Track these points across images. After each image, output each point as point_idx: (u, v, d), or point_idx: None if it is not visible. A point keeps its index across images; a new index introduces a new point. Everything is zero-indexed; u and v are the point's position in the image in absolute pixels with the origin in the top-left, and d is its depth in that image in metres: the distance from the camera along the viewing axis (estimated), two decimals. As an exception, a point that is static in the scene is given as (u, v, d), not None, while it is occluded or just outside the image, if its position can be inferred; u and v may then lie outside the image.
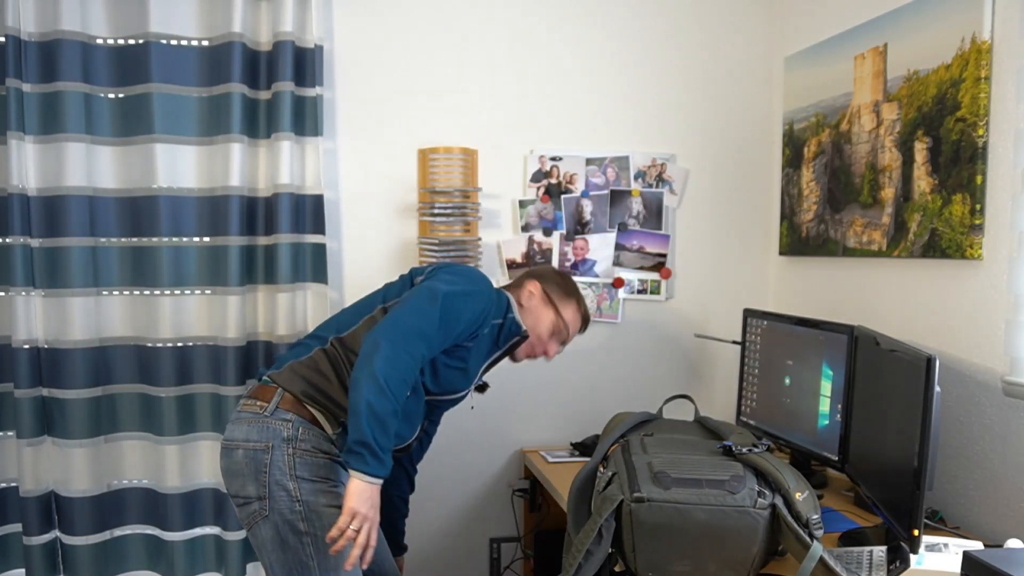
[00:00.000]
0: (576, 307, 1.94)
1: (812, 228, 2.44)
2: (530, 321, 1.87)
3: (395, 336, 1.52)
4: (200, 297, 2.35)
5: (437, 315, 1.59)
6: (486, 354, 1.83)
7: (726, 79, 2.67)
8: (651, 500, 1.31)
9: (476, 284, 1.73)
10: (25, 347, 2.21)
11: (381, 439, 1.47)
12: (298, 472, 1.61)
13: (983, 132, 1.77)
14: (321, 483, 1.63)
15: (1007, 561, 1.18)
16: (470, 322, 1.68)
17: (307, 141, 2.34)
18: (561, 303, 1.91)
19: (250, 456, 1.63)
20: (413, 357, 1.53)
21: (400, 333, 1.53)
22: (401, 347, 1.52)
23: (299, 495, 1.60)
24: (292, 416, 1.65)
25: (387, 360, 1.49)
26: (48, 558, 2.29)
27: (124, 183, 2.30)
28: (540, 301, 1.90)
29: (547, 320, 1.89)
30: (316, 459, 1.64)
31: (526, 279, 1.95)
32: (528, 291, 1.90)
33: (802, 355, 2.11)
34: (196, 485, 2.37)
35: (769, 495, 1.32)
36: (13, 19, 2.15)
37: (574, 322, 1.95)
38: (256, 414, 1.66)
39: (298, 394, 1.67)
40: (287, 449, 1.62)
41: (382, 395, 1.47)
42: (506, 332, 1.82)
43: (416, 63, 2.48)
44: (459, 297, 1.65)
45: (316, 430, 1.66)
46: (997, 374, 1.75)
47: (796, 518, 1.31)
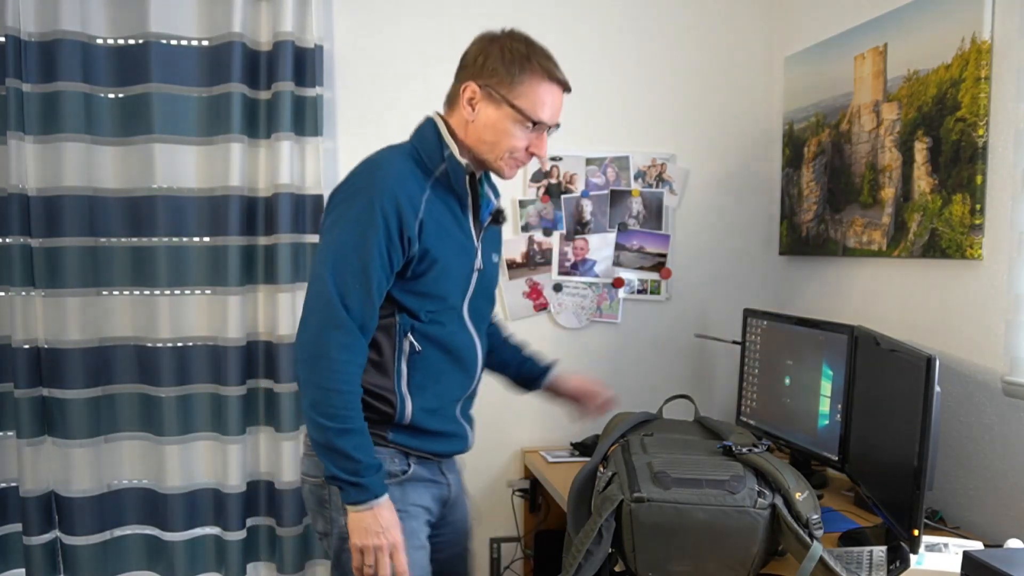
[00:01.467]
0: (532, 76, 1.44)
1: (812, 228, 2.44)
2: (488, 137, 1.46)
3: (302, 357, 1.37)
4: (200, 297, 2.35)
5: (335, 301, 1.35)
6: (455, 224, 1.48)
7: (726, 79, 2.67)
8: (651, 500, 1.31)
9: (354, 198, 1.40)
10: (25, 347, 2.21)
11: (345, 464, 1.35)
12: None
13: (983, 132, 1.77)
14: None
15: (1007, 561, 1.18)
16: (381, 245, 1.37)
17: (307, 141, 2.34)
18: (511, 87, 1.43)
19: (311, 491, 1.51)
20: (333, 365, 1.35)
21: (305, 353, 1.37)
22: (312, 367, 1.36)
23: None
24: None
25: (305, 389, 1.37)
26: (48, 558, 2.29)
27: (124, 183, 2.30)
28: (485, 104, 1.45)
29: (504, 122, 1.44)
30: None
31: (458, 82, 1.49)
32: (466, 101, 1.46)
33: (802, 355, 2.10)
34: (196, 485, 2.37)
35: (769, 495, 1.32)
36: (13, 19, 2.15)
37: (541, 97, 1.45)
38: (308, 446, 1.51)
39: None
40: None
41: (318, 428, 1.36)
42: (455, 181, 1.47)
43: (416, 63, 2.48)
44: (342, 252, 1.37)
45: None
46: (997, 374, 1.75)
47: (796, 518, 1.31)
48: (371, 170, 1.44)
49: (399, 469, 1.47)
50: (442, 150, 1.47)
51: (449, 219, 1.47)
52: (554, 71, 1.46)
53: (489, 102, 1.45)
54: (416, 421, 1.47)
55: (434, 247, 1.43)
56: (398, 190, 1.39)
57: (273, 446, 2.40)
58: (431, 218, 1.43)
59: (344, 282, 1.36)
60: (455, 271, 1.49)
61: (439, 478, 1.56)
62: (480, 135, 1.47)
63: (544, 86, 1.45)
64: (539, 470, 2.33)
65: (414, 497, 1.49)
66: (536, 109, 1.44)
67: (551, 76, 1.45)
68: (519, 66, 1.43)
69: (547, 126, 1.48)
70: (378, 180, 1.41)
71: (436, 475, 1.55)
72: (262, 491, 2.42)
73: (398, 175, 1.42)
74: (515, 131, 1.45)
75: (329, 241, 1.40)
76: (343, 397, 1.36)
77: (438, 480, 1.55)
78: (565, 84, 1.49)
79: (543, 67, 1.45)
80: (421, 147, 1.49)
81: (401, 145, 1.52)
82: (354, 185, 1.43)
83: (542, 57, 1.46)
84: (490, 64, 1.44)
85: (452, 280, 1.49)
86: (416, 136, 1.53)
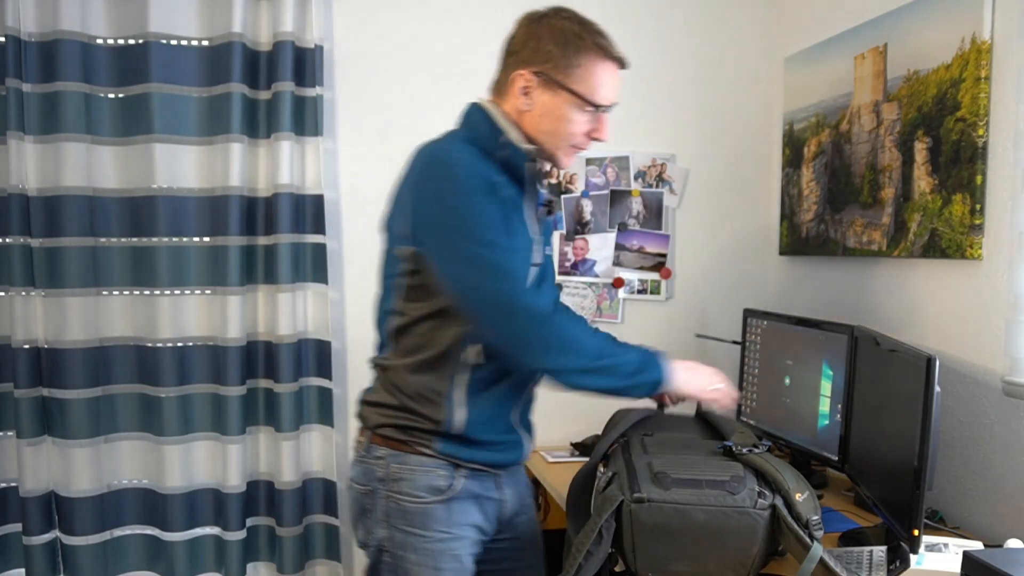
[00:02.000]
0: (589, 57, 1.35)
1: (812, 228, 2.44)
2: (547, 126, 1.37)
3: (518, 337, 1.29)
4: (200, 297, 2.35)
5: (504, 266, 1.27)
6: (517, 215, 1.38)
7: (726, 79, 2.67)
8: (651, 500, 1.31)
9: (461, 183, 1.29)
10: (25, 347, 2.21)
11: (629, 371, 1.33)
12: (391, 519, 1.39)
13: (983, 132, 1.77)
14: (413, 535, 1.38)
15: (1007, 561, 1.18)
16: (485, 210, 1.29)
17: (307, 141, 2.34)
18: (567, 71, 1.34)
19: (356, 499, 1.44)
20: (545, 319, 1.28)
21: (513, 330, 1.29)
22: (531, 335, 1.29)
23: (388, 546, 1.39)
24: (384, 452, 1.40)
25: (549, 359, 1.31)
26: (48, 558, 2.29)
27: (124, 183, 2.30)
28: (541, 91, 1.36)
29: (563, 108, 1.35)
30: (414, 505, 1.38)
31: (508, 70, 1.39)
32: (519, 89, 1.37)
33: (802, 355, 2.10)
34: (196, 485, 2.37)
35: (769, 496, 1.32)
36: (13, 19, 2.15)
37: (600, 78, 1.36)
38: (359, 451, 1.46)
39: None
40: (383, 492, 1.39)
41: (594, 376, 1.32)
42: (517, 167, 1.36)
43: (416, 63, 2.48)
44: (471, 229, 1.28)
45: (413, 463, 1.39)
46: (997, 374, 1.75)
47: (796, 519, 1.31)
48: (443, 162, 1.32)
49: (444, 485, 1.37)
50: (496, 137, 1.35)
51: (512, 209, 1.36)
52: (611, 48, 1.37)
53: (545, 89, 1.35)
54: (468, 431, 1.37)
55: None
56: (485, 170, 1.30)
57: (273, 446, 2.40)
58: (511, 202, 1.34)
59: (497, 246, 1.27)
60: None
61: (493, 493, 1.45)
62: (537, 124, 1.37)
63: (602, 66, 1.35)
64: (539, 470, 2.33)
65: (460, 516, 1.39)
66: (595, 92, 1.35)
67: (608, 54, 1.36)
68: (574, 47, 1.34)
69: (607, 108, 1.38)
70: (457, 166, 1.29)
71: (489, 490, 1.44)
72: (262, 491, 2.42)
73: (478, 157, 1.32)
74: (575, 117, 1.36)
75: (450, 225, 1.28)
76: (579, 339, 1.30)
77: (491, 496, 1.44)
78: (622, 61, 1.39)
79: (599, 45, 1.35)
80: (475, 136, 1.37)
81: (450, 134, 1.40)
82: (435, 177, 1.31)
83: (596, 34, 1.36)
84: (542, 48, 1.34)
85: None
86: (466, 125, 1.40)
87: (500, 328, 1.29)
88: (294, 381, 2.36)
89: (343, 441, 2.51)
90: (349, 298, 2.48)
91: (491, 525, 1.46)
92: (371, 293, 2.49)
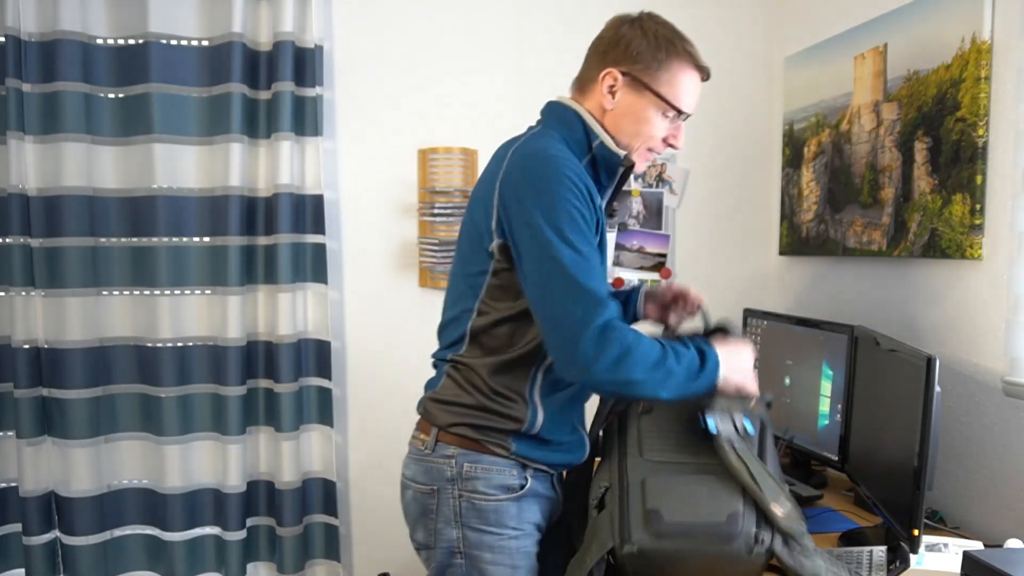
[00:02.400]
0: (678, 63, 1.36)
1: (812, 228, 2.44)
2: (628, 126, 1.38)
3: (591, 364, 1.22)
4: (200, 297, 2.35)
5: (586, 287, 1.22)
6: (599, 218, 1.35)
7: (726, 79, 2.67)
8: (642, 550, 1.27)
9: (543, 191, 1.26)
10: (25, 347, 2.21)
11: (695, 373, 1.28)
12: (464, 519, 1.36)
13: (983, 132, 1.77)
14: (488, 534, 1.36)
15: (1007, 561, 1.18)
16: (590, 230, 1.27)
17: (307, 141, 2.34)
18: (655, 74, 1.35)
19: (414, 498, 1.41)
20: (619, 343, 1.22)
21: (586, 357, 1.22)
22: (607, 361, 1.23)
23: (462, 546, 1.36)
24: (454, 451, 1.37)
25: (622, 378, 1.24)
26: (48, 558, 2.29)
27: (124, 183, 2.30)
28: (627, 92, 1.37)
29: (647, 111, 1.37)
30: (488, 503, 1.36)
31: (596, 68, 1.39)
32: (606, 88, 1.38)
33: (802, 355, 2.10)
34: (196, 485, 2.37)
35: (767, 536, 1.29)
36: (13, 19, 2.15)
37: (686, 85, 1.37)
38: (413, 449, 1.43)
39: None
40: (453, 491, 1.37)
41: (665, 387, 1.26)
42: (606, 173, 1.39)
43: (416, 63, 2.48)
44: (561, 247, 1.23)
45: (487, 462, 1.37)
46: (997, 374, 1.75)
47: (786, 537, 1.28)
48: (545, 160, 1.29)
49: (517, 483, 1.36)
50: (588, 139, 1.37)
51: (600, 213, 1.37)
52: (699, 58, 1.38)
53: (631, 89, 1.36)
54: (543, 432, 1.36)
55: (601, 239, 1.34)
56: (581, 174, 1.29)
57: (273, 446, 2.40)
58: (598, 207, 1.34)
59: (589, 277, 1.23)
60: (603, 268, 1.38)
61: (551, 492, 1.44)
62: (619, 124, 1.38)
63: (688, 73, 1.37)
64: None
65: (529, 514, 1.38)
66: (680, 97, 1.36)
67: (696, 64, 1.38)
68: (665, 51, 1.35)
69: (687, 115, 1.40)
70: (564, 167, 1.27)
71: (550, 489, 1.43)
72: (262, 491, 2.42)
73: (571, 158, 1.31)
74: (656, 120, 1.37)
75: (549, 235, 1.24)
76: (639, 352, 1.23)
77: (550, 495, 1.43)
78: (707, 72, 1.40)
79: (688, 53, 1.36)
80: (568, 136, 1.37)
81: (544, 133, 1.38)
82: (535, 176, 1.28)
83: (686, 43, 1.37)
84: (633, 49, 1.35)
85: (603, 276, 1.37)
86: (557, 124, 1.40)
87: (559, 349, 1.25)
88: (294, 381, 2.36)
89: (343, 441, 2.51)
90: (349, 298, 2.48)
91: (546, 523, 1.45)
92: (371, 293, 2.51)
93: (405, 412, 2.27)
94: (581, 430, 1.46)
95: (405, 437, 1.54)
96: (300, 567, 2.41)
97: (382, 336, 2.51)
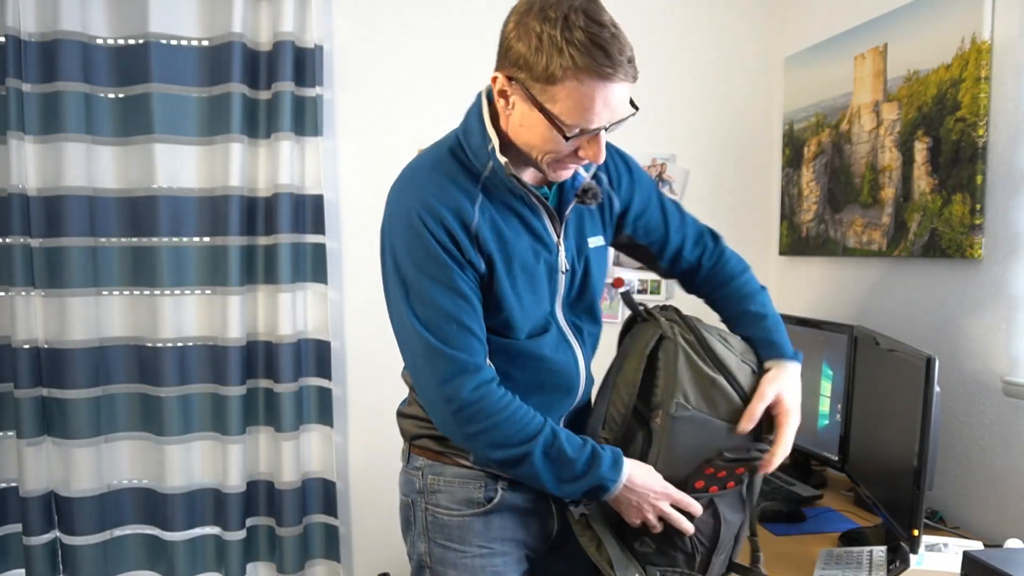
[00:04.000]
0: (570, 74, 1.06)
1: (812, 228, 2.44)
2: (523, 137, 1.15)
3: (440, 420, 1.21)
4: (200, 297, 2.35)
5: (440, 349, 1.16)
6: (521, 225, 1.22)
7: (726, 79, 2.67)
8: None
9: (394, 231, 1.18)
10: (25, 347, 2.21)
11: (568, 478, 1.18)
12: (430, 533, 1.32)
13: (983, 132, 1.77)
14: (451, 551, 1.30)
15: (1007, 561, 1.18)
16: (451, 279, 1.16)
17: (307, 141, 2.34)
18: (544, 87, 1.08)
19: (401, 509, 1.39)
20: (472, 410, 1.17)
21: (439, 415, 1.20)
22: (457, 424, 1.19)
23: (429, 561, 1.32)
24: (422, 463, 1.33)
25: (470, 444, 1.22)
26: (48, 558, 2.29)
27: (124, 183, 2.30)
28: (519, 99, 1.13)
29: (539, 126, 1.12)
30: (451, 518, 1.30)
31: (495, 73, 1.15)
32: (497, 93, 1.15)
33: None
34: (196, 485, 2.37)
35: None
36: (13, 19, 2.15)
37: (583, 100, 1.08)
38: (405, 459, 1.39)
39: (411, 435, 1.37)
40: (422, 504, 1.33)
41: (515, 467, 1.19)
42: (504, 180, 1.18)
43: (416, 63, 2.48)
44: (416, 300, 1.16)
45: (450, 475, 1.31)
46: (997, 374, 1.75)
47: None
48: (401, 193, 1.20)
49: (482, 497, 1.28)
50: (486, 143, 1.17)
51: (514, 225, 1.21)
52: (600, 64, 1.05)
53: (520, 98, 1.12)
54: None
55: (498, 263, 1.19)
56: (436, 204, 1.15)
57: (273, 446, 2.40)
58: (488, 231, 1.18)
59: (440, 331, 1.16)
60: (527, 289, 1.23)
61: (534, 505, 1.31)
62: (517, 134, 1.16)
63: (588, 85, 1.06)
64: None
65: (501, 531, 1.30)
66: (577, 115, 1.09)
67: (596, 72, 1.06)
68: (548, 60, 1.06)
69: (597, 129, 1.12)
70: (410, 201, 1.16)
71: (533, 502, 1.31)
72: (262, 491, 2.42)
73: (430, 186, 1.17)
74: (554, 137, 1.11)
75: (396, 289, 1.19)
76: (501, 428, 1.16)
77: (536, 509, 1.32)
78: (620, 75, 1.08)
79: (584, 60, 1.05)
80: (466, 141, 1.20)
81: (443, 141, 1.25)
82: (392, 215, 1.20)
83: (585, 44, 1.05)
84: (514, 54, 1.09)
85: (525, 301, 1.23)
86: (462, 126, 1.23)
87: (422, 398, 1.24)
88: (294, 381, 2.36)
89: (343, 441, 2.51)
90: (349, 298, 2.48)
91: (537, 540, 1.35)
92: (371, 293, 2.51)
93: (405, 412, 2.27)
94: None
95: (405, 437, 1.55)
96: (300, 567, 2.41)
97: (382, 336, 2.47)
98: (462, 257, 1.16)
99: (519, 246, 1.21)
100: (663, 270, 1.49)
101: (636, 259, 1.50)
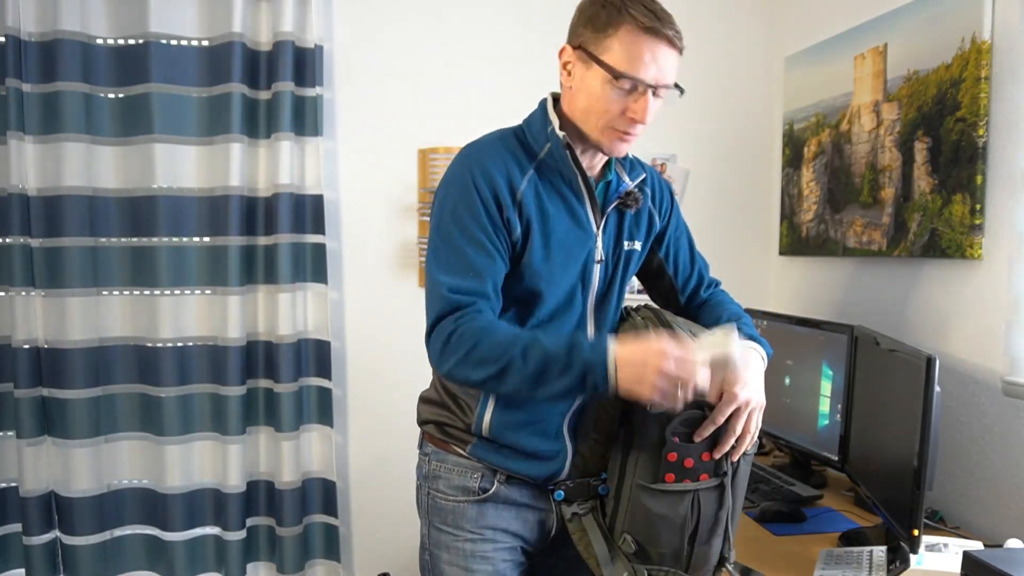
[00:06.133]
0: (624, 27, 1.21)
1: (812, 228, 2.44)
2: (581, 103, 1.27)
3: (435, 355, 1.24)
4: (200, 297, 2.35)
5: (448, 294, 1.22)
6: (566, 210, 1.30)
7: (726, 79, 2.67)
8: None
9: (448, 187, 1.27)
10: (25, 347, 2.21)
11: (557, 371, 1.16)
12: (431, 516, 1.37)
13: (983, 132, 1.77)
14: (445, 533, 1.34)
15: (1007, 561, 1.18)
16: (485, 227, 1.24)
17: (307, 141, 2.34)
18: (600, 42, 1.23)
19: (417, 490, 1.43)
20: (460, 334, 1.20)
21: (435, 348, 1.23)
22: (445, 352, 1.22)
23: (427, 543, 1.38)
24: (430, 449, 1.38)
25: (464, 373, 1.22)
26: (48, 558, 2.29)
27: (124, 183, 2.30)
28: (580, 66, 1.27)
29: (595, 83, 1.24)
30: (447, 502, 1.34)
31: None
32: (562, 65, 1.30)
33: (802, 355, 2.10)
34: (196, 485, 2.37)
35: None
36: (13, 19, 2.15)
37: (634, 51, 1.21)
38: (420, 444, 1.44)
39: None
40: (425, 488, 1.38)
41: (503, 381, 1.19)
42: (558, 159, 1.29)
43: (416, 63, 2.48)
44: (446, 246, 1.25)
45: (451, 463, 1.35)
46: (997, 374, 1.75)
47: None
48: (461, 155, 1.31)
49: (476, 487, 1.31)
50: (546, 127, 1.30)
51: (558, 204, 1.29)
52: (652, 22, 1.20)
53: (581, 64, 1.26)
54: (495, 434, 1.29)
55: (535, 231, 1.26)
56: (490, 165, 1.25)
57: (273, 446, 2.40)
58: (532, 200, 1.26)
59: (455, 274, 1.22)
60: (560, 265, 1.28)
61: (537, 503, 1.34)
62: (574, 103, 1.28)
63: (639, 38, 1.20)
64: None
65: (494, 520, 1.32)
66: (628, 64, 1.20)
67: (647, 28, 1.20)
68: (607, 16, 1.22)
69: (648, 86, 1.22)
70: (468, 160, 1.27)
71: (532, 499, 1.33)
72: (262, 491, 2.42)
73: (489, 151, 1.28)
74: (608, 93, 1.23)
75: (433, 238, 1.28)
76: (485, 344, 1.18)
77: (534, 505, 1.34)
78: (669, 38, 1.22)
79: (636, 16, 1.20)
80: (528, 126, 1.33)
81: (507, 127, 1.37)
82: (448, 173, 1.30)
83: (640, 8, 1.21)
84: (582, 20, 1.26)
85: (556, 275, 1.28)
86: (527, 117, 1.36)
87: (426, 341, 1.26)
88: (294, 381, 2.36)
89: (343, 441, 2.51)
90: (349, 298, 2.48)
91: (534, 535, 1.36)
92: (371, 293, 2.51)
93: (405, 412, 2.26)
94: (567, 439, 1.32)
95: (405, 437, 1.55)
96: (300, 567, 2.41)
97: (382, 336, 2.51)
98: (500, 217, 1.25)
99: (559, 224, 1.29)
100: (680, 306, 1.54)
101: (654, 291, 1.55)
